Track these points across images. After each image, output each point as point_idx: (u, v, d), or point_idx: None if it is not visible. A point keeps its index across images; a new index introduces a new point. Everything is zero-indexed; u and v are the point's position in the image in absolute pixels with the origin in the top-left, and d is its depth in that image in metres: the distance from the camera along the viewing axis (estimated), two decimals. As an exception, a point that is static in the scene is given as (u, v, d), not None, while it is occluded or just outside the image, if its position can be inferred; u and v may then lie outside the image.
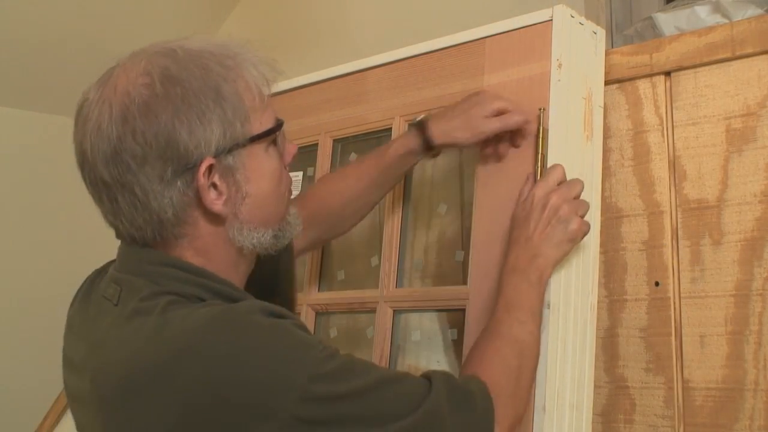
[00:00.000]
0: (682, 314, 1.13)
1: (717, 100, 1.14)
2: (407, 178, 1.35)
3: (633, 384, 1.16)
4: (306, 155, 1.50)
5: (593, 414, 1.14)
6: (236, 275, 0.96)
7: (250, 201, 0.92)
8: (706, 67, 1.15)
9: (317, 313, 1.42)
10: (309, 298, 1.42)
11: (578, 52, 1.17)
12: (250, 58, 0.94)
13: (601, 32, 1.23)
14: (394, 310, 1.29)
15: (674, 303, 1.14)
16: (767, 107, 1.10)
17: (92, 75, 0.93)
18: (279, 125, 0.96)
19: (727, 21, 1.19)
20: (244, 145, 0.91)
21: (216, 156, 0.88)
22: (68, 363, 0.99)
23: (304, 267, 1.45)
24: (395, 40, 1.42)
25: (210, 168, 0.88)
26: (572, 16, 1.18)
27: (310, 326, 1.41)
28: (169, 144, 0.87)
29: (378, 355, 1.27)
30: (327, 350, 0.83)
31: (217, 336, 0.81)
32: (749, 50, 1.11)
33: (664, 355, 1.14)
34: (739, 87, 1.12)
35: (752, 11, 1.20)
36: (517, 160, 1.15)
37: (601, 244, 1.19)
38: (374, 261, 1.42)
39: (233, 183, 0.91)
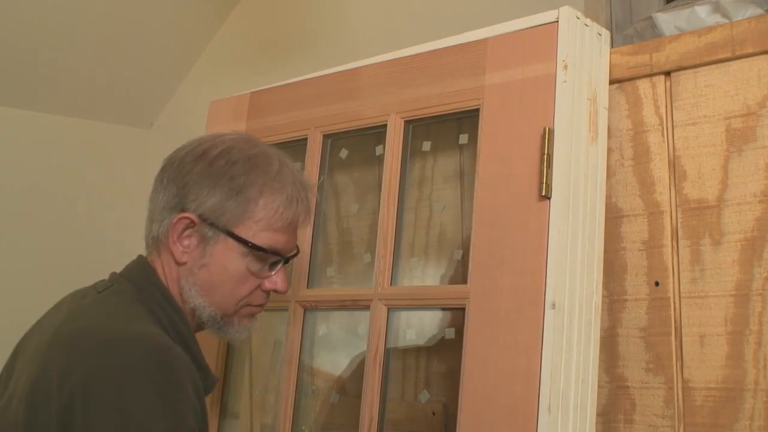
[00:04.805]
0: (682, 314, 1.13)
1: (717, 100, 1.14)
2: (403, 175, 1.34)
3: (633, 384, 1.16)
4: (294, 150, 1.49)
5: (593, 414, 1.15)
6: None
7: (206, 271, 1.09)
8: (706, 67, 1.15)
9: (306, 310, 1.41)
10: (297, 294, 1.41)
11: (584, 54, 1.18)
12: (296, 191, 1.12)
13: (606, 34, 1.23)
14: (388, 308, 1.29)
15: (674, 303, 1.14)
16: (767, 107, 1.10)
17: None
18: (271, 252, 1.10)
19: (727, 21, 1.19)
20: (222, 231, 1.08)
21: (201, 219, 1.08)
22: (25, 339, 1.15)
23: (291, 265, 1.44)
24: (396, 41, 1.42)
25: (191, 221, 1.08)
26: (578, 18, 1.18)
27: (298, 324, 1.39)
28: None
29: (372, 353, 1.27)
30: None
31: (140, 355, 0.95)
32: (749, 50, 1.11)
33: (664, 355, 1.14)
34: (739, 87, 1.12)
35: (752, 11, 1.19)
36: (520, 160, 1.15)
37: (602, 244, 1.19)
38: (367, 258, 1.42)
39: (201, 248, 1.09)
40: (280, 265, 1.13)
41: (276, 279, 1.13)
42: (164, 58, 2.58)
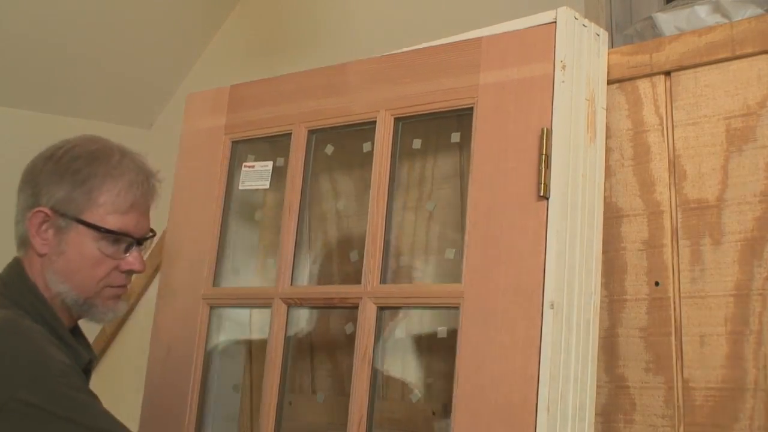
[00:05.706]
0: (682, 314, 1.13)
1: (717, 100, 1.14)
2: (393, 174, 1.33)
3: (633, 384, 1.16)
4: (277, 145, 1.47)
5: (593, 414, 1.14)
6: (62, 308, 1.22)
7: (64, 258, 1.20)
8: (706, 67, 1.15)
9: (289, 307, 1.39)
10: (281, 291, 1.38)
11: (582, 54, 1.18)
12: (137, 176, 1.22)
13: (604, 34, 1.23)
14: (378, 307, 1.28)
15: (674, 303, 1.14)
16: (767, 107, 1.10)
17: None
18: (120, 233, 1.21)
19: (727, 21, 1.19)
20: (73, 219, 1.19)
21: (53, 211, 1.19)
22: None
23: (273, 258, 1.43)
24: (396, 41, 1.42)
25: (45, 215, 1.19)
26: (576, 18, 1.18)
27: (280, 321, 1.38)
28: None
29: (361, 352, 1.26)
30: None
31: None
32: (749, 50, 1.11)
33: (664, 355, 1.14)
34: (739, 87, 1.12)
35: (752, 11, 1.19)
36: (518, 160, 1.15)
37: (601, 244, 1.19)
38: (354, 256, 1.40)
39: (58, 238, 1.20)
40: (133, 247, 1.23)
41: (131, 259, 1.23)
42: (164, 59, 2.58)
